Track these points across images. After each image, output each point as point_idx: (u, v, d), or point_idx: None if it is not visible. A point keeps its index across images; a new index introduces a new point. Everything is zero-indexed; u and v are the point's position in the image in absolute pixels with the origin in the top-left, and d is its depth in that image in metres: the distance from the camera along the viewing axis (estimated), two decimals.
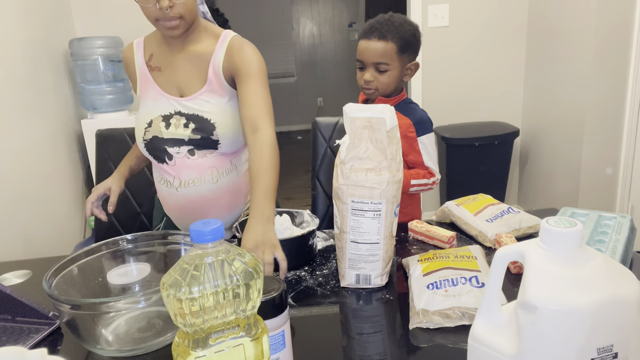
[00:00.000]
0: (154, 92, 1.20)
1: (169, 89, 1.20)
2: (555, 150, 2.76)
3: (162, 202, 1.31)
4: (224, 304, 0.50)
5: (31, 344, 0.80)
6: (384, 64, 1.33)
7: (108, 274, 0.91)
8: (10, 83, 2.08)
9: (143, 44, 1.25)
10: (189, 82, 1.19)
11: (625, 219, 0.98)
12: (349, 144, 0.91)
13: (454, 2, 2.87)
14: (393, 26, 1.31)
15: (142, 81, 1.22)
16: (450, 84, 3.00)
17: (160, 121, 1.18)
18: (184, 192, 1.21)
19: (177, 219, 1.30)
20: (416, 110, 1.41)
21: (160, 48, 1.21)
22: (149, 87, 1.21)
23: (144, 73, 1.21)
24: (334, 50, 6.23)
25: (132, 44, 1.26)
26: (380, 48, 1.31)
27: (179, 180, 1.21)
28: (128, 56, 1.25)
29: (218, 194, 1.22)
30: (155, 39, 1.23)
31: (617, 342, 0.49)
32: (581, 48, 2.43)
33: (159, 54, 1.21)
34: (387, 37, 1.31)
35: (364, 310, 0.88)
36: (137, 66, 1.23)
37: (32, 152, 2.19)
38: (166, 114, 1.18)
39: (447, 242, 1.08)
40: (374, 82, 1.35)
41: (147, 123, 1.19)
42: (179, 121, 1.17)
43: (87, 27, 2.77)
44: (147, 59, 1.22)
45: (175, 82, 1.20)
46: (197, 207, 1.22)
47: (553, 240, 0.51)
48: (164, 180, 1.24)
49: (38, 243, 2.15)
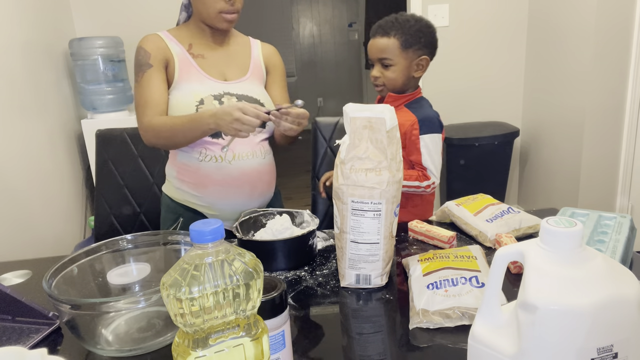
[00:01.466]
0: (199, 76, 1.29)
1: (213, 74, 1.30)
2: (555, 150, 2.76)
3: (206, 180, 1.30)
4: (224, 304, 0.50)
5: (31, 344, 0.80)
6: (387, 59, 1.37)
7: (108, 274, 0.91)
8: (10, 83, 2.08)
9: (172, 36, 1.31)
10: (232, 70, 1.33)
11: (625, 219, 0.98)
12: (349, 144, 0.91)
13: (454, 2, 2.87)
14: (397, 23, 1.36)
15: (184, 66, 1.28)
16: (450, 84, 3.00)
17: (212, 100, 1.26)
18: (237, 165, 1.29)
19: (222, 194, 1.31)
20: (425, 108, 1.41)
21: (199, 40, 1.32)
22: (192, 71, 1.29)
23: (185, 59, 1.29)
24: (334, 50, 6.23)
25: (156, 34, 1.30)
26: (382, 44, 1.36)
27: (232, 153, 1.28)
28: (158, 42, 1.28)
29: (265, 169, 1.36)
30: (186, 33, 1.32)
31: (617, 342, 0.49)
32: (581, 48, 2.43)
33: (200, 45, 1.31)
34: (389, 34, 1.36)
35: (364, 310, 0.88)
36: (174, 53, 1.28)
37: (32, 152, 2.19)
38: (216, 94, 1.27)
39: (447, 242, 1.08)
40: (380, 78, 1.40)
41: (197, 101, 1.25)
42: (231, 100, 1.28)
43: (87, 27, 2.77)
44: (187, 48, 1.30)
45: (219, 69, 1.31)
46: (249, 179, 1.32)
47: (553, 240, 0.51)
48: (210, 157, 1.29)
49: (38, 243, 2.15)
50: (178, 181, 1.35)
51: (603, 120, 2.42)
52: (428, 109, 1.42)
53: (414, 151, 1.37)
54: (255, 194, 1.35)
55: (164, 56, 1.27)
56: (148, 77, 1.25)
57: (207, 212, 1.34)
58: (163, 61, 1.27)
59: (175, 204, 1.37)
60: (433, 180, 1.37)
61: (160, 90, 1.26)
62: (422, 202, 1.44)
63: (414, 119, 1.36)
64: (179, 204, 1.36)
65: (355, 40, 6.11)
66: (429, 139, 1.36)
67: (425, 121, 1.36)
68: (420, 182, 1.35)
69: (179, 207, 1.36)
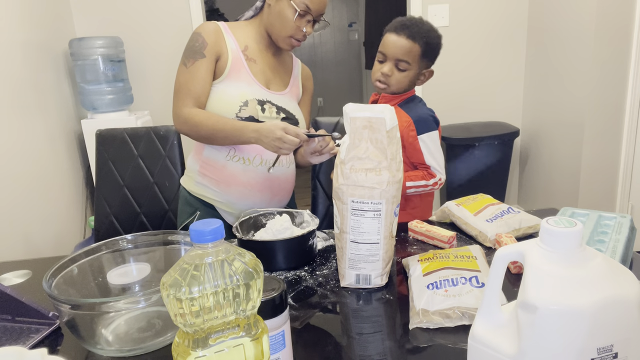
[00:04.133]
0: (248, 78, 1.30)
1: (260, 80, 1.32)
2: (555, 150, 2.76)
3: (230, 179, 1.32)
4: (224, 304, 0.50)
5: (31, 344, 0.80)
6: (405, 62, 1.35)
7: (108, 274, 0.91)
8: (10, 83, 2.08)
9: (231, 32, 1.32)
10: (276, 81, 1.36)
11: (625, 219, 0.98)
12: (349, 144, 0.91)
13: (454, 2, 2.87)
14: (423, 30, 1.35)
15: (236, 64, 1.29)
16: (450, 84, 3.00)
17: (256, 104, 1.29)
18: (263, 170, 1.32)
19: (244, 195, 1.34)
20: (419, 108, 1.41)
21: (256, 45, 1.34)
22: (243, 71, 1.30)
23: (239, 58, 1.30)
24: (334, 50, 6.23)
25: (216, 24, 1.30)
26: (407, 46, 1.34)
27: (260, 158, 1.31)
28: (218, 35, 1.28)
29: (288, 177, 1.39)
30: (246, 34, 1.33)
31: (617, 342, 0.49)
32: (581, 48, 2.43)
33: (254, 49, 1.33)
34: (415, 38, 1.34)
35: (364, 310, 0.88)
36: (229, 48, 1.29)
37: (32, 152, 2.19)
38: (260, 99, 1.30)
39: (447, 242, 1.08)
40: (390, 77, 1.37)
41: (242, 102, 1.27)
42: (271, 109, 1.31)
43: (87, 27, 2.77)
44: (242, 48, 1.31)
45: (265, 76, 1.34)
46: (272, 185, 1.35)
47: (553, 240, 0.51)
48: (238, 158, 1.31)
49: (38, 243, 2.15)
50: (200, 176, 1.35)
51: (603, 120, 2.42)
52: (422, 107, 1.42)
53: (415, 152, 1.37)
54: (275, 200, 1.38)
55: (219, 50, 1.27)
56: (198, 65, 1.25)
57: (224, 210, 1.36)
58: (217, 55, 1.27)
59: (193, 198, 1.38)
60: (439, 176, 1.38)
61: (206, 83, 1.26)
62: (421, 203, 1.44)
63: (409, 119, 1.36)
64: (197, 198, 1.37)
65: (355, 40, 6.11)
66: (427, 138, 1.37)
67: (420, 121, 1.37)
68: (426, 180, 1.36)
69: (196, 201, 1.37)
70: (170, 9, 2.78)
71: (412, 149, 1.37)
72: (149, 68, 2.84)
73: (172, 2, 2.78)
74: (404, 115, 1.37)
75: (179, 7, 2.78)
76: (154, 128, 1.70)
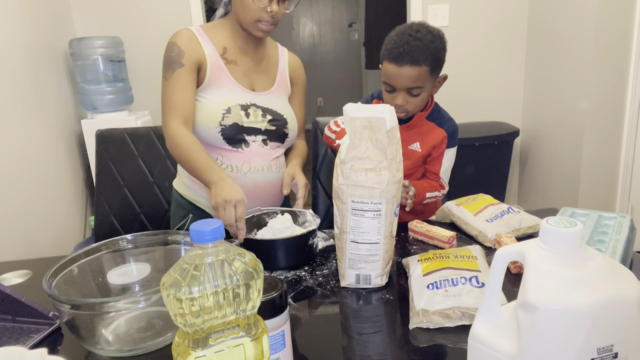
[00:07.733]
0: (230, 83, 1.27)
1: (243, 83, 1.29)
2: (555, 150, 2.76)
3: None
4: (224, 304, 0.50)
5: (31, 344, 0.80)
6: (417, 88, 1.23)
7: (108, 274, 0.91)
8: (10, 83, 2.08)
9: (205, 35, 1.27)
10: (260, 80, 1.32)
11: (625, 219, 0.98)
12: (349, 144, 0.91)
13: (454, 2, 2.87)
14: (424, 46, 1.19)
15: (215, 70, 1.26)
16: (450, 84, 2.97)
17: (239, 109, 1.26)
18: (252, 178, 1.30)
19: None
20: (446, 118, 1.38)
21: (234, 43, 1.29)
22: (223, 77, 1.27)
23: (217, 63, 1.26)
24: (334, 50, 6.22)
25: (189, 31, 1.25)
26: (414, 74, 1.20)
27: (249, 165, 1.29)
28: (193, 42, 1.24)
29: (278, 183, 1.35)
30: (222, 35, 1.29)
31: (617, 342, 0.49)
32: (581, 48, 2.43)
33: (233, 49, 1.29)
34: (419, 62, 1.19)
35: (364, 310, 0.88)
36: (207, 54, 1.25)
37: (32, 152, 2.19)
38: (243, 104, 1.27)
39: (447, 242, 1.08)
40: (406, 106, 1.26)
41: (224, 109, 1.24)
42: (256, 112, 1.28)
43: (87, 27, 2.77)
44: (220, 52, 1.27)
45: (248, 78, 1.30)
46: (261, 191, 1.32)
47: (553, 240, 0.51)
48: (226, 165, 1.29)
49: (38, 243, 2.15)
50: (190, 180, 1.35)
51: (603, 120, 2.42)
52: (449, 118, 1.38)
53: (435, 163, 1.38)
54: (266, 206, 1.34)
55: (197, 58, 1.23)
56: (177, 76, 1.21)
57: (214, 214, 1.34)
58: (196, 62, 1.23)
59: (185, 201, 1.37)
60: (447, 188, 1.40)
61: (188, 92, 1.22)
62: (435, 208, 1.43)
63: (444, 134, 1.34)
64: (189, 201, 1.36)
65: (355, 40, 6.10)
66: (452, 153, 1.38)
67: (453, 135, 1.36)
68: (438, 191, 1.37)
69: (188, 204, 1.36)
70: (170, 9, 2.78)
71: (436, 160, 1.37)
72: (149, 68, 2.84)
73: (172, 2, 2.78)
74: (439, 131, 1.35)
75: (179, 7, 2.78)
76: (154, 128, 1.70)
